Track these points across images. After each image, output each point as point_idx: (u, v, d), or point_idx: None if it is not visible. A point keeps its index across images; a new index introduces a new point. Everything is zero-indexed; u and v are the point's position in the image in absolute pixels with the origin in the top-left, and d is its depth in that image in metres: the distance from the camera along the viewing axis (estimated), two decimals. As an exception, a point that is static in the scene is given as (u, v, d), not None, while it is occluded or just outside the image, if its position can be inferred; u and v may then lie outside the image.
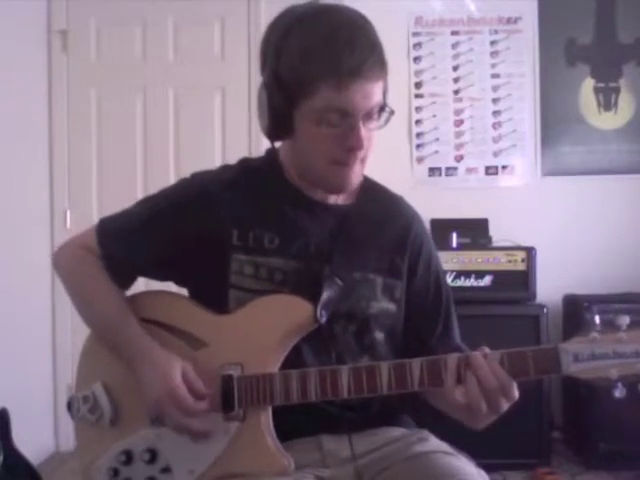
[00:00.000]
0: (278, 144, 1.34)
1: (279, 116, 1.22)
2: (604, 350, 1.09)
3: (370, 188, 1.41)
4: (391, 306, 1.34)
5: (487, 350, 1.15)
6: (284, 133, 1.25)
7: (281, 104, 1.20)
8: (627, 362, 1.08)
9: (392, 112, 1.23)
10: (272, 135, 1.27)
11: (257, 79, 1.28)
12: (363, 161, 1.26)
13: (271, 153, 1.37)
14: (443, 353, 1.18)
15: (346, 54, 1.15)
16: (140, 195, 1.43)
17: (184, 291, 1.39)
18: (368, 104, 1.19)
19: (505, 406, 1.16)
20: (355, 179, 1.28)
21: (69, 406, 1.33)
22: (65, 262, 1.42)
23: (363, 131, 1.20)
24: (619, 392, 1.09)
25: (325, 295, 1.24)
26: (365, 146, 1.22)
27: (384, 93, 1.23)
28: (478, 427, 1.24)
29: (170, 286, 1.40)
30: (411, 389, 1.17)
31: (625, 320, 1.10)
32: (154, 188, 1.41)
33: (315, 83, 1.17)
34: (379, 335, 1.33)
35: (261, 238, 1.29)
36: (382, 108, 1.22)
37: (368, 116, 1.21)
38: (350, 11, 1.24)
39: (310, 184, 1.32)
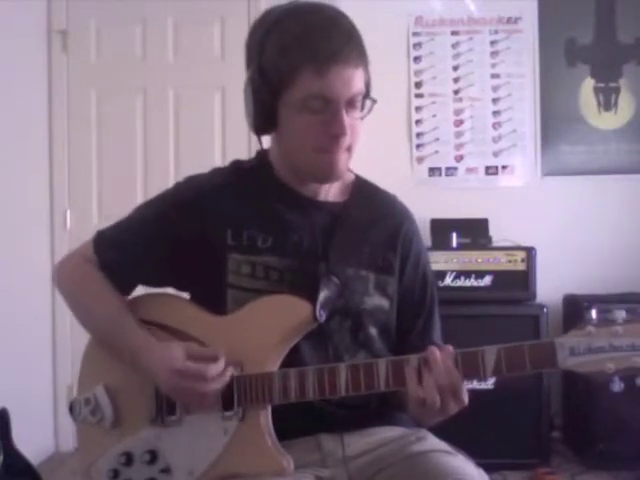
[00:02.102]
0: (267, 145, 1.36)
1: (263, 109, 1.24)
2: (600, 344, 1.10)
3: (362, 186, 1.43)
4: (384, 302, 1.35)
5: (451, 349, 1.16)
6: (270, 125, 1.27)
7: (265, 97, 1.23)
8: (623, 355, 1.09)
9: (374, 101, 1.25)
10: (258, 129, 1.29)
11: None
12: (349, 150, 1.27)
13: (261, 154, 1.39)
14: (419, 349, 1.19)
15: (324, 41, 1.19)
16: (140, 195, 1.44)
17: (183, 295, 1.39)
18: (349, 90, 1.21)
19: (454, 408, 1.17)
20: (341, 167, 1.29)
21: (71, 408, 1.34)
22: (65, 275, 1.43)
23: (346, 118, 1.22)
24: (617, 386, 1.10)
25: (323, 294, 1.25)
26: (349, 133, 1.23)
27: (367, 84, 1.26)
28: (425, 425, 1.27)
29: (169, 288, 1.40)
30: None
31: (621, 314, 1.10)
32: (154, 188, 1.42)
33: (295, 72, 1.20)
34: (373, 331, 1.34)
35: (254, 238, 1.30)
36: (365, 97, 1.24)
37: (350, 104, 1.23)
38: (330, 8, 1.27)
39: (299, 177, 1.33)
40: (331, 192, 1.37)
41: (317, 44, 1.19)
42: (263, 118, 1.26)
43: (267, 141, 1.36)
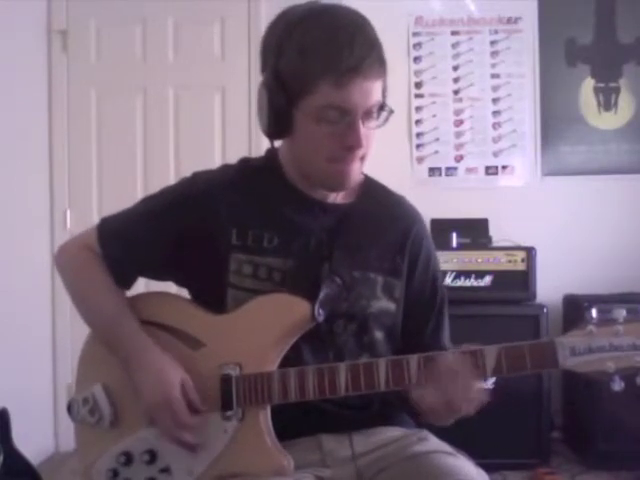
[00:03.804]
0: (278, 144, 1.35)
1: (279, 114, 1.22)
2: (601, 343, 1.10)
3: (371, 187, 1.41)
4: (391, 305, 1.34)
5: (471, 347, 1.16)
6: (284, 131, 1.25)
7: (281, 102, 1.21)
8: (624, 355, 1.09)
9: (391, 111, 1.23)
10: (272, 134, 1.27)
11: (257, 79, 1.28)
12: (362, 159, 1.26)
13: (271, 153, 1.37)
14: (428, 351, 1.19)
15: (345, 52, 1.16)
16: (140, 195, 1.43)
17: (184, 292, 1.39)
18: (367, 102, 1.19)
19: (467, 407, 1.16)
20: (354, 177, 1.28)
21: (69, 408, 1.33)
22: (66, 261, 1.42)
23: (362, 130, 1.20)
24: (617, 385, 1.09)
25: (323, 293, 1.24)
26: (364, 145, 1.22)
27: (383, 92, 1.24)
28: (440, 424, 1.25)
29: (170, 287, 1.40)
30: (409, 386, 1.17)
31: (621, 313, 1.10)
32: (154, 188, 1.41)
33: (315, 81, 1.17)
34: (378, 334, 1.33)
35: (260, 237, 1.30)
36: (381, 107, 1.23)
37: (367, 115, 1.21)
38: (350, 11, 1.24)
39: (310, 183, 1.32)
40: (340, 194, 1.35)
41: (339, 53, 1.15)
42: (277, 123, 1.23)
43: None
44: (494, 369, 1.14)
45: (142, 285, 1.42)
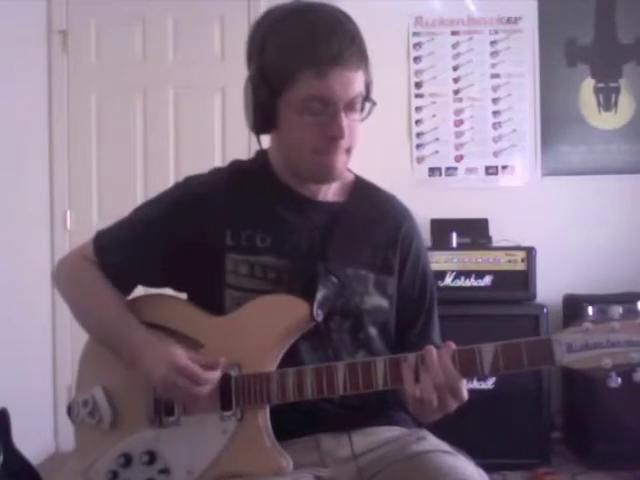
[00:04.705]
0: (266, 145, 1.36)
1: (263, 108, 1.24)
2: (597, 340, 1.10)
3: (362, 186, 1.43)
4: (384, 302, 1.35)
5: (452, 346, 1.16)
6: (269, 125, 1.28)
7: (265, 96, 1.23)
8: (620, 351, 1.09)
9: (374, 103, 1.26)
10: (257, 128, 1.29)
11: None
12: (348, 151, 1.28)
13: (261, 154, 1.39)
14: (418, 348, 1.19)
15: (325, 43, 1.19)
16: (140, 195, 1.44)
17: (182, 295, 1.39)
18: (348, 93, 1.21)
19: (453, 405, 1.17)
20: (339, 168, 1.29)
21: (69, 410, 1.34)
22: (64, 273, 1.43)
23: (344, 120, 1.22)
24: (614, 382, 1.10)
25: (321, 294, 1.25)
26: (347, 135, 1.23)
27: (367, 85, 1.26)
28: (425, 421, 1.26)
29: (167, 289, 1.40)
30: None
31: (617, 310, 1.11)
32: (154, 189, 1.42)
33: (296, 73, 1.20)
34: (372, 331, 1.34)
35: (253, 237, 1.31)
36: (365, 99, 1.25)
37: (350, 106, 1.23)
38: (332, 8, 1.27)
39: (298, 177, 1.33)
40: (330, 192, 1.37)
41: (319, 46, 1.18)
42: (262, 118, 1.26)
43: (266, 141, 1.36)
44: (491, 366, 1.14)
45: (139, 288, 1.42)
